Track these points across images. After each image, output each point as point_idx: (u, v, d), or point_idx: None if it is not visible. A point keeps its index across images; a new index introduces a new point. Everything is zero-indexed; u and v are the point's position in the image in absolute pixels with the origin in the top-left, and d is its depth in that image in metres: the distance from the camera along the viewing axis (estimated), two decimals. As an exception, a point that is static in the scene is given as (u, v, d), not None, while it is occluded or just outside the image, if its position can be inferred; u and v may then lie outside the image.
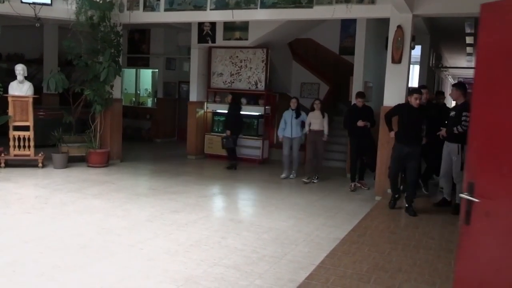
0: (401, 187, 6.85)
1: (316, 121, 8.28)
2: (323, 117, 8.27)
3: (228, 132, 9.60)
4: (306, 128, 8.37)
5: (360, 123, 7.70)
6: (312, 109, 8.31)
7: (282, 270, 4.23)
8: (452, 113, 6.30)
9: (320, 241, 5.13)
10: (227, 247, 4.80)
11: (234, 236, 5.18)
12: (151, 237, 5.02)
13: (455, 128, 6.11)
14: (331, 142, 10.47)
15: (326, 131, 8.26)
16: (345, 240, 5.13)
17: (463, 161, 6.00)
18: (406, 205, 6.33)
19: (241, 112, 9.93)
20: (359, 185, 8.14)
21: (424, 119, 6.41)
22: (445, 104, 8.51)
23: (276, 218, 5.99)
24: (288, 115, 8.67)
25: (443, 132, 6.41)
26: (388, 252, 4.74)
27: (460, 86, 6.54)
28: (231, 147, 9.62)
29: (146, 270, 4.11)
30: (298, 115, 8.61)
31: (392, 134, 6.60)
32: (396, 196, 6.53)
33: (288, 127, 8.60)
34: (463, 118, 5.98)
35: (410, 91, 6.56)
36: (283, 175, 8.69)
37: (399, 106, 6.63)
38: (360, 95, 7.96)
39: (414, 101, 6.25)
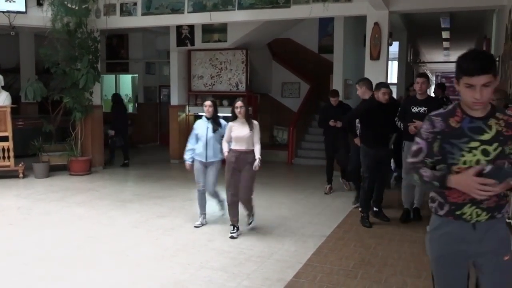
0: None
1: (240, 135, 5.12)
2: (251, 129, 5.13)
3: (113, 132, 9.72)
4: (225, 148, 5.30)
5: (331, 123, 7.00)
6: (234, 117, 5.16)
7: (269, 270, 4.23)
8: (421, 109, 5.44)
9: (306, 239, 5.15)
10: (214, 249, 4.79)
11: (221, 238, 5.17)
12: (137, 243, 4.99)
13: None
14: (313, 141, 10.55)
15: (258, 153, 5.15)
16: (331, 237, 5.17)
17: None
18: (376, 210, 5.83)
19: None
20: (341, 182, 7.73)
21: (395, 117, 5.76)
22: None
23: (261, 218, 5.99)
24: (201, 127, 5.56)
25: (418, 124, 5.21)
26: (374, 247, 4.79)
27: (428, 76, 5.90)
28: (120, 145, 9.86)
29: (133, 276, 4.08)
30: (216, 127, 5.49)
31: (357, 140, 6.03)
32: (364, 215, 5.68)
33: (200, 146, 5.51)
34: None
35: (377, 85, 5.73)
36: (197, 223, 5.63)
37: (364, 105, 5.88)
38: (333, 93, 7.38)
39: (382, 96, 5.54)
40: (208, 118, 5.56)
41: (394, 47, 12.18)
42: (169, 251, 4.75)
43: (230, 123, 5.22)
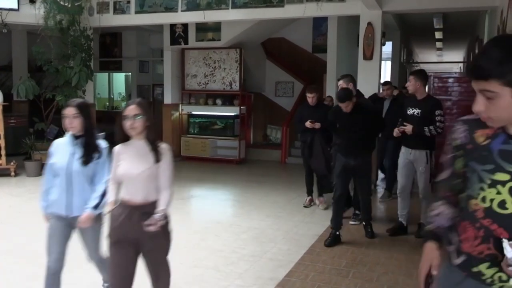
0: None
1: (131, 173, 2.76)
2: (156, 160, 2.79)
3: None
4: (110, 197, 2.91)
5: (308, 124, 5.97)
6: (123, 137, 2.88)
7: (262, 269, 4.24)
8: (415, 111, 4.90)
9: (299, 238, 5.16)
10: (206, 248, 4.80)
11: (213, 237, 5.18)
12: (129, 242, 4.96)
13: (426, 129, 4.75)
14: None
15: (163, 204, 2.90)
16: (324, 236, 5.18)
17: (431, 171, 4.89)
18: (363, 223, 5.29)
19: None
20: (317, 203, 6.55)
21: (377, 120, 5.12)
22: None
23: (255, 217, 6.00)
24: (61, 153, 3.24)
25: (408, 128, 4.83)
26: (365, 246, 4.81)
27: (422, 74, 5.04)
28: None
29: (125, 275, 4.06)
30: (89, 155, 3.20)
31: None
32: (337, 233, 4.96)
33: (57, 188, 3.24)
34: (438, 118, 4.75)
35: (338, 79, 5.13)
36: None
37: (334, 108, 5.26)
38: (310, 89, 6.23)
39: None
40: (75, 137, 3.21)
41: (387, 47, 12.21)
42: (162, 250, 4.73)
43: (117, 148, 2.90)
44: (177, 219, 5.84)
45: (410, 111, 4.94)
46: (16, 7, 8.36)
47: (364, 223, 5.25)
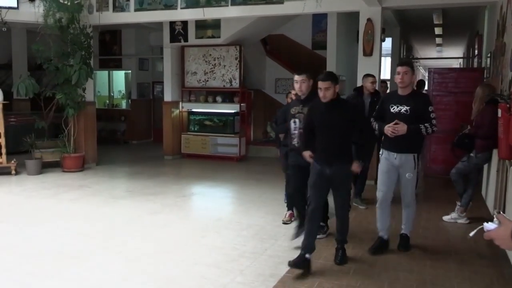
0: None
1: None
2: None
3: None
4: None
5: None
6: None
7: (262, 266, 4.24)
8: (402, 109, 4.28)
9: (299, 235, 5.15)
10: (206, 245, 4.80)
11: (214, 234, 5.18)
12: (129, 240, 4.98)
13: (423, 127, 4.20)
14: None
15: None
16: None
17: (417, 177, 4.37)
18: (336, 249, 4.37)
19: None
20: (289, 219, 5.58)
21: (356, 120, 4.22)
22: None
23: (255, 214, 6.00)
24: None
25: (403, 127, 4.19)
26: (366, 243, 4.80)
27: (412, 65, 4.48)
28: None
29: (126, 272, 4.08)
30: None
31: (307, 154, 4.31)
32: (307, 256, 4.06)
33: None
34: (433, 115, 4.25)
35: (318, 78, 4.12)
36: None
37: (311, 107, 4.35)
38: (298, 72, 4.85)
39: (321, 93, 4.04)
40: None
41: (387, 43, 12.21)
42: (162, 247, 4.75)
43: None
44: (177, 216, 5.88)
45: (395, 109, 4.31)
46: (15, 5, 8.34)
47: (337, 244, 4.37)
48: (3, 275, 4.00)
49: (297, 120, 4.70)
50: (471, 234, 1.81)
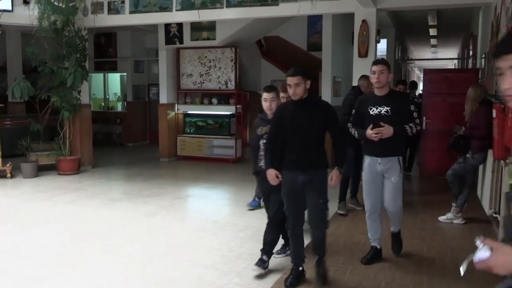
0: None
1: None
2: None
3: None
4: None
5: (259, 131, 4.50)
6: None
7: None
8: (382, 110, 4.00)
9: (296, 236, 5.16)
10: (203, 247, 4.80)
11: (211, 236, 5.18)
12: (126, 242, 4.98)
13: (408, 128, 3.96)
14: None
15: None
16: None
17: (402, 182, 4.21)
18: (316, 263, 3.90)
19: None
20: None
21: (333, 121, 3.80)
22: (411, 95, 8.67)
23: (251, 216, 6.01)
24: None
25: (384, 130, 3.91)
26: (363, 243, 4.82)
27: (388, 63, 4.16)
28: None
29: (124, 275, 4.07)
30: None
31: (273, 174, 3.80)
32: (300, 268, 3.89)
33: None
34: (415, 114, 4.06)
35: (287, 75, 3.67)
36: None
37: (279, 108, 3.98)
38: (267, 89, 4.26)
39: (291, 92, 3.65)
40: None
41: (382, 45, 12.25)
42: (159, 249, 4.74)
43: None
44: (174, 218, 5.87)
45: (375, 111, 4.03)
46: (10, 8, 8.32)
47: (315, 262, 3.90)
48: (3, 278, 3.98)
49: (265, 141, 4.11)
50: (462, 270, 1.65)
